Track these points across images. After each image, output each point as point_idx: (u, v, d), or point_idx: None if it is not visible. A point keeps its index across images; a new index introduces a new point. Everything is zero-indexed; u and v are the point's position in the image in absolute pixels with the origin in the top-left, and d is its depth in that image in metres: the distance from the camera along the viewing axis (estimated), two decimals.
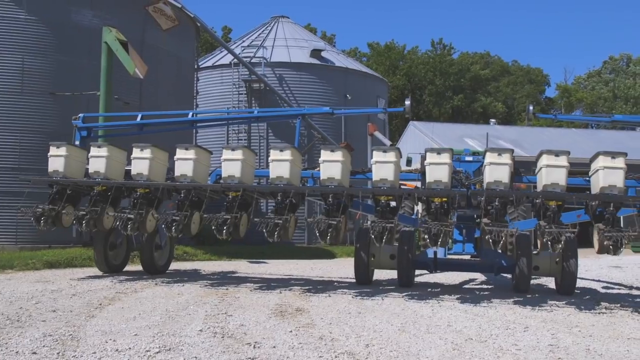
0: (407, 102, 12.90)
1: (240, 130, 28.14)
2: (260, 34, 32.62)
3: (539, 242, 10.08)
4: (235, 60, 27.79)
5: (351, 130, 28.59)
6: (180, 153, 11.62)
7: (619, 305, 10.31)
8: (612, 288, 13.35)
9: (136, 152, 11.79)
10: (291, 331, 7.36)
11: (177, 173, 11.59)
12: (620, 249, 9.62)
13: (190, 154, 11.57)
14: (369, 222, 10.79)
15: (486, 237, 9.91)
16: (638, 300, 11.32)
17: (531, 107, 12.75)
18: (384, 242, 10.37)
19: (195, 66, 27.49)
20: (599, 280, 14.65)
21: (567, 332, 7.76)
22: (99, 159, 11.99)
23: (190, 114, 14.26)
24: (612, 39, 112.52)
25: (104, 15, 19.04)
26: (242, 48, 30.71)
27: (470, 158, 12.79)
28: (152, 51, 20.71)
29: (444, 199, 10.39)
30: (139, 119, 13.59)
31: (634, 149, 10.38)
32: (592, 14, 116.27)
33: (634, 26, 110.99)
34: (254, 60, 29.18)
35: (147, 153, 11.73)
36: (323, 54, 31.07)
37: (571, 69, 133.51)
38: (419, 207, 18.88)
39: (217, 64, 30.34)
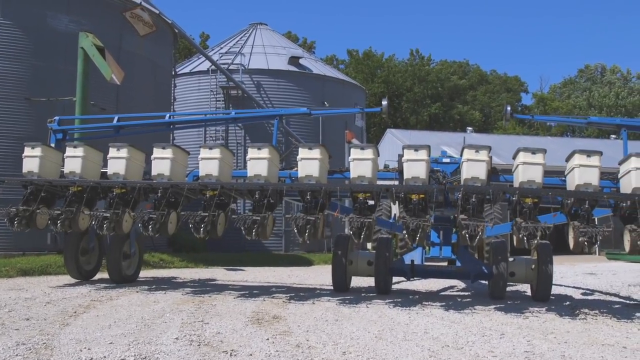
0: (384, 102, 12.88)
1: (218, 137, 28.05)
2: (238, 40, 32.57)
3: (514, 238, 10.07)
4: (213, 66, 27.70)
5: (329, 138, 28.58)
6: (157, 152, 11.51)
7: (594, 311, 10.38)
8: (587, 295, 13.47)
9: (112, 152, 11.65)
10: (268, 339, 7.33)
11: (154, 172, 11.46)
12: (595, 245, 9.66)
13: (168, 153, 11.48)
14: (347, 218, 10.61)
15: (462, 232, 9.90)
16: (612, 306, 11.42)
17: (509, 108, 12.76)
18: (363, 239, 10.33)
19: (173, 72, 27.38)
20: (574, 287, 14.78)
21: (543, 339, 7.81)
22: (74, 159, 11.80)
23: (167, 115, 14.11)
24: (588, 48, 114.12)
25: (81, 21, 18.88)
26: (220, 55, 30.63)
27: (447, 160, 12.82)
28: (129, 57, 20.58)
29: (422, 196, 10.37)
30: (115, 121, 13.44)
31: (609, 158, 10.46)
32: (569, 23, 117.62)
33: (610, 35, 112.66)
34: (231, 67, 29.11)
35: (123, 153, 11.59)
36: (301, 61, 31.07)
37: (547, 78, 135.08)
38: (396, 211, 18.93)
39: (194, 70, 30.22)
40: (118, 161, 11.61)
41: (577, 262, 27.43)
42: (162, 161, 11.45)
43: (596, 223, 10.06)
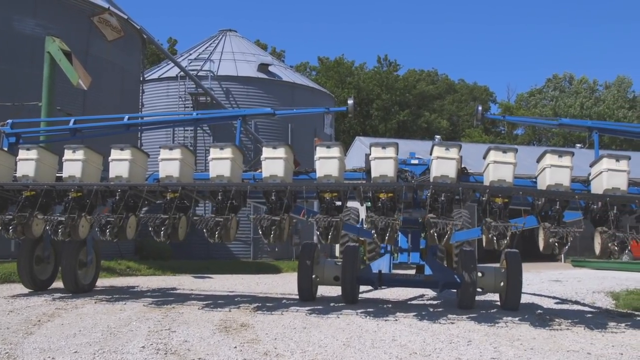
0: (350, 102, 12.68)
1: (186, 143, 27.90)
2: (207, 47, 32.46)
3: (484, 238, 9.93)
4: (182, 73, 27.56)
5: (298, 146, 28.55)
6: (115, 154, 11.05)
7: (559, 319, 10.49)
8: (553, 302, 13.61)
9: (68, 154, 11.17)
10: (236, 347, 7.28)
11: (111, 174, 10.98)
12: (565, 246, 9.52)
13: (126, 154, 11.01)
14: (314, 218, 10.31)
15: (431, 231, 9.74)
16: (578, 313, 11.56)
17: (480, 108, 12.66)
18: (330, 239, 10.09)
19: (141, 78, 27.17)
20: (540, 295, 14.93)
21: (509, 345, 7.87)
22: (27, 162, 11.18)
23: (126, 117, 13.39)
24: (559, 58, 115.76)
25: (47, 25, 18.67)
26: (189, 61, 30.49)
27: (415, 161, 12.62)
28: (96, 62, 20.40)
29: (390, 195, 10.14)
30: (71, 123, 12.92)
31: (576, 167, 10.45)
32: (540, 34, 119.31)
33: (581, 45, 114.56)
34: (200, 73, 29.00)
35: (79, 155, 11.12)
36: (270, 68, 31.07)
37: (514, 87, 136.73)
38: (364, 215, 18.93)
39: (163, 76, 30.04)
40: (74, 164, 11.10)
41: (543, 269, 27.77)
42: (120, 163, 10.98)
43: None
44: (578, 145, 47.18)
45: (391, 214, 10.08)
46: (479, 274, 11.62)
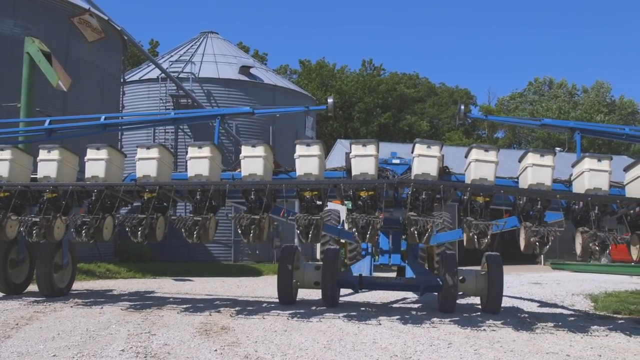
0: (330, 100, 12.49)
1: (166, 144, 27.80)
2: (188, 49, 32.37)
3: (465, 237, 9.86)
4: (163, 74, 27.46)
5: (279, 148, 28.59)
6: (91, 153, 10.81)
7: (539, 321, 10.56)
8: (533, 304, 13.69)
9: (43, 154, 10.92)
10: (216, 350, 7.25)
11: (87, 174, 10.74)
12: (546, 246, 9.43)
13: (102, 154, 10.78)
14: (295, 216, 10.18)
15: (411, 229, 9.64)
16: (557, 316, 11.64)
17: (462, 107, 12.55)
18: (311, 238, 9.99)
19: (122, 80, 27.04)
20: (520, 298, 15.01)
21: (489, 348, 7.91)
22: (1, 163, 10.92)
23: (103, 117, 13.00)
24: (540, 62, 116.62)
25: (27, 25, 18.54)
26: (170, 63, 30.40)
27: (397, 161, 12.51)
28: (76, 63, 20.26)
29: (371, 193, 10.05)
30: (47, 124, 12.65)
31: (557, 171, 10.45)
32: (520, 37, 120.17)
33: (560, 48, 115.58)
34: (181, 75, 28.92)
35: (55, 155, 10.87)
36: (252, 70, 31.06)
37: (495, 91, 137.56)
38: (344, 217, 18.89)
39: (144, 78, 29.92)
40: (49, 164, 10.86)
41: (523, 271, 27.92)
42: (96, 163, 10.74)
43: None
44: (558, 148, 47.55)
45: (372, 212, 10.00)
46: (460, 279, 11.60)
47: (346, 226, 17.22)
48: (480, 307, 12.12)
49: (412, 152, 10.36)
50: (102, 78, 22.81)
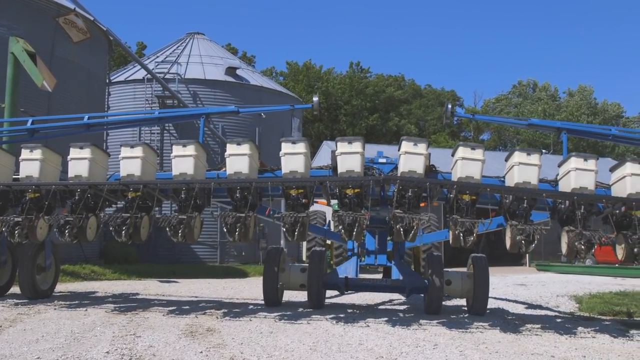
0: (315, 99, 12.51)
1: (152, 145, 27.71)
2: (174, 49, 32.27)
3: (450, 235, 9.82)
4: (149, 75, 27.36)
5: (265, 149, 28.58)
6: (74, 153, 10.66)
7: (524, 322, 10.60)
8: (518, 306, 13.75)
9: (25, 154, 10.78)
10: (202, 352, 7.23)
11: (71, 174, 10.60)
12: (532, 244, 9.43)
13: (86, 153, 10.63)
14: (281, 215, 10.11)
15: (397, 227, 9.57)
16: (542, 317, 11.69)
17: (449, 106, 12.53)
18: (297, 237, 9.91)
19: (107, 80, 26.92)
20: (505, 299, 15.06)
21: (475, 349, 7.93)
22: None
23: (86, 117, 12.84)
24: (525, 64, 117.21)
25: (12, 25, 18.39)
26: (156, 63, 30.29)
27: (383, 160, 12.44)
28: (61, 64, 20.15)
29: (357, 190, 9.98)
30: (29, 124, 12.51)
31: (542, 172, 10.47)
32: (505, 39, 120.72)
33: (544, 51, 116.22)
34: (167, 76, 28.81)
35: (37, 154, 10.73)
36: (238, 71, 31.00)
37: (480, 93, 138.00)
38: (330, 217, 18.86)
39: (129, 78, 29.79)
40: (31, 163, 10.72)
41: (508, 273, 28.05)
42: (79, 162, 10.60)
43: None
44: (543, 150, 47.75)
45: (359, 210, 9.96)
46: (446, 281, 11.56)
47: (332, 227, 17.26)
48: (466, 308, 12.15)
49: (399, 150, 10.30)
50: (88, 78, 22.69)
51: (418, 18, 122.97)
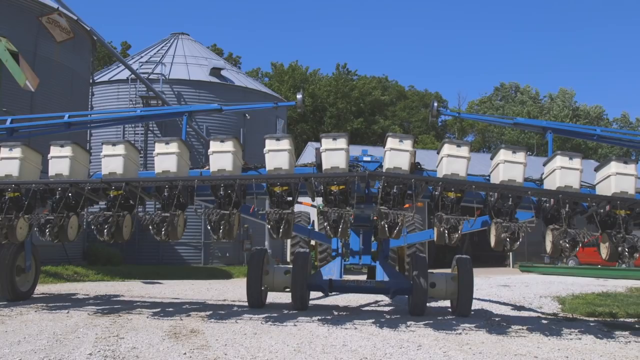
0: (299, 96, 12.39)
1: (138, 146, 27.58)
2: (159, 50, 32.15)
3: (435, 232, 9.79)
4: (133, 75, 27.24)
5: (250, 150, 28.54)
6: (54, 151, 10.54)
7: (508, 323, 10.64)
8: (502, 307, 13.80)
9: (4, 152, 10.60)
10: (185, 353, 7.19)
11: (51, 172, 10.46)
12: (517, 242, 9.39)
13: (67, 151, 10.49)
14: (265, 211, 10.02)
15: (382, 223, 9.51)
16: (525, 318, 11.74)
17: (435, 104, 12.52)
18: (282, 234, 9.82)
19: (91, 80, 26.77)
20: (489, 300, 15.11)
21: (459, 350, 7.95)
22: None
23: (67, 115, 12.55)
24: (507, 67, 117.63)
25: None
26: (140, 64, 30.16)
27: (368, 158, 12.36)
28: (44, 63, 20.03)
29: (342, 187, 9.87)
30: (8, 122, 12.19)
31: (526, 174, 10.46)
32: (490, 42, 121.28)
33: (525, 54, 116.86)
34: (152, 76, 28.70)
35: (16, 152, 10.56)
36: (223, 72, 30.94)
37: (464, 95, 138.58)
38: (315, 218, 18.84)
39: (113, 79, 29.64)
40: (10, 162, 10.54)
41: (492, 274, 28.15)
42: (60, 160, 10.46)
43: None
44: (528, 153, 47.98)
45: (343, 207, 9.85)
46: (431, 284, 11.52)
47: (316, 227, 17.24)
48: (450, 310, 12.18)
49: (384, 146, 10.22)
50: (71, 78, 22.55)
51: (402, 19, 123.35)
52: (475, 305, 13.29)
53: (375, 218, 10.74)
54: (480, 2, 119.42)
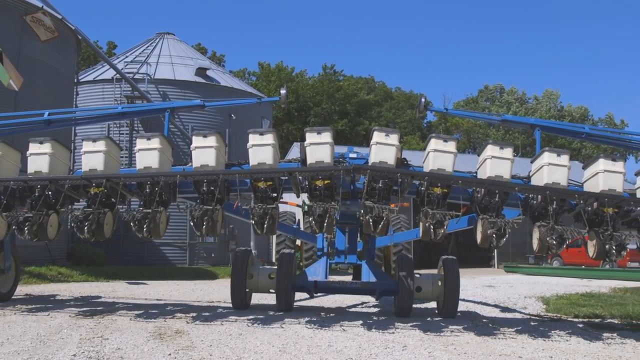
0: (283, 92, 12.31)
1: (120, 144, 27.44)
2: (144, 49, 32.00)
3: (420, 228, 9.73)
4: (118, 75, 27.09)
5: (235, 149, 28.51)
6: (34, 147, 10.39)
7: (492, 323, 10.69)
8: (487, 307, 13.85)
9: None
10: (170, 354, 7.17)
11: (30, 170, 10.30)
12: (503, 238, 9.35)
13: (46, 148, 10.34)
14: (249, 206, 9.87)
15: (367, 218, 9.42)
16: (510, 318, 11.80)
17: (423, 100, 12.39)
18: (266, 230, 9.71)
19: (75, 80, 26.60)
20: (474, 301, 15.16)
21: (443, 350, 7.97)
22: None
23: (46, 112, 12.39)
24: (492, 68, 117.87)
25: None
26: (125, 63, 30.00)
27: (354, 155, 12.05)
28: (29, 63, 19.89)
29: (327, 182, 9.76)
30: None
31: (514, 172, 10.44)
32: (476, 43, 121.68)
33: (510, 56, 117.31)
34: (137, 76, 28.56)
35: None
36: (209, 72, 30.86)
37: (450, 96, 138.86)
38: (300, 217, 18.83)
39: (98, 78, 29.47)
40: None
41: (477, 274, 28.26)
42: (39, 157, 10.30)
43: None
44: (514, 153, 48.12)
45: (329, 202, 9.75)
46: (416, 288, 11.50)
47: (302, 226, 17.21)
48: (437, 311, 12.18)
49: (370, 141, 10.14)
50: (55, 78, 22.41)
51: (390, 21, 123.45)
52: (461, 306, 13.31)
53: (360, 210, 10.64)
54: (466, 4, 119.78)
